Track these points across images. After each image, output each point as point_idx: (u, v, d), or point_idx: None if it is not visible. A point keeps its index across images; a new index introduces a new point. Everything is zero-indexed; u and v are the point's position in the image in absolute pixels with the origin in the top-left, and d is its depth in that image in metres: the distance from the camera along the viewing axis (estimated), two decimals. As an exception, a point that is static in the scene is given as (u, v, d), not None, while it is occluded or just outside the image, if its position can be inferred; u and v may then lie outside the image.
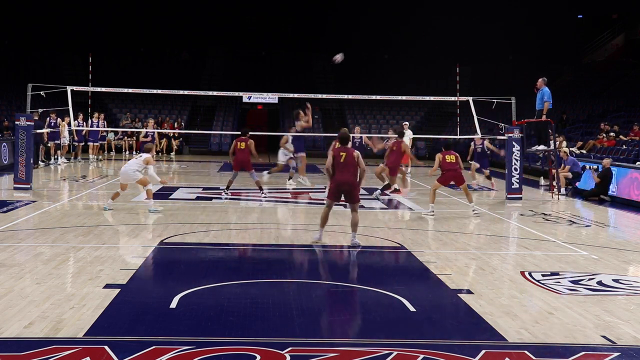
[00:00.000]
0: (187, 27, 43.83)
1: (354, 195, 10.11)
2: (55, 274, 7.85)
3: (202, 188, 17.96)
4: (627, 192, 16.34)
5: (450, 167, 13.53)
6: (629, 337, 6.12)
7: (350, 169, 10.03)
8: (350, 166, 10.01)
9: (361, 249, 10.19)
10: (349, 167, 9.99)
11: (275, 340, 5.72)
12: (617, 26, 39.86)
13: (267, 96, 37.30)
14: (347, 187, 10.05)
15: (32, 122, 16.34)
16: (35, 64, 39.37)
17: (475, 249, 10.21)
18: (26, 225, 11.34)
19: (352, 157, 10.03)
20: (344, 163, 9.98)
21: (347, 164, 9.98)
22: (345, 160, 9.99)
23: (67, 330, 5.88)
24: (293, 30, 45.44)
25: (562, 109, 32.23)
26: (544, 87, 16.53)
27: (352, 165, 10.03)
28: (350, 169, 10.03)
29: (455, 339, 5.99)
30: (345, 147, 10.18)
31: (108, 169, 23.59)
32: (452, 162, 13.54)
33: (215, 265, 8.86)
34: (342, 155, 10.02)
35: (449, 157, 13.59)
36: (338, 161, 10.02)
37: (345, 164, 9.98)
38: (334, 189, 10.13)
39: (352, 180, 10.07)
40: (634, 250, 10.51)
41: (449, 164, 13.54)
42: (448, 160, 13.56)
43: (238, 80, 39.33)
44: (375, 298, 7.48)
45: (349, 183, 10.04)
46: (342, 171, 10.00)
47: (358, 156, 10.10)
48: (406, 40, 41.36)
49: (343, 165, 9.98)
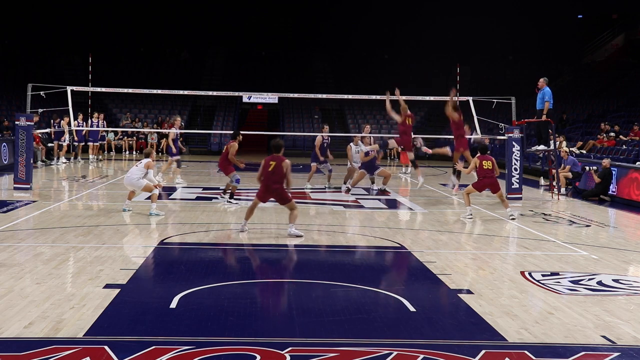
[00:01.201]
0: (187, 27, 43.85)
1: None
2: (55, 274, 7.85)
3: (202, 188, 17.96)
4: (627, 192, 16.33)
5: (487, 174, 13.25)
6: (629, 337, 6.13)
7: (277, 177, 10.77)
8: (277, 175, 10.75)
9: (361, 249, 10.19)
10: (276, 175, 10.74)
11: (275, 340, 5.72)
12: (617, 26, 39.85)
13: (267, 96, 37.29)
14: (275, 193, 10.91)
15: (32, 122, 16.33)
16: (35, 64, 39.38)
17: (475, 249, 10.21)
18: (26, 225, 11.34)
19: (281, 166, 10.73)
20: (271, 172, 10.73)
21: (275, 173, 10.73)
22: (274, 169, 10.73)
23: (67, 330, 5.88)
24: (293, 30, 45.45)
25: (562, 109, 32.22)
26: (546, 87, 16.54)
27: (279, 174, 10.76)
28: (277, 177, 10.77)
29: (455, 339, 5.99)
30: (276, 156, 10.84)
31: (108, 169, 23.59)
32: (488, 168, 13.26)
33: (215, 265, 8.86)
34: (272, 164, 10.73)
35: (485, 163, 13.24)
36: (266, 170, 10.77)
37: (273, 173, 10.73)
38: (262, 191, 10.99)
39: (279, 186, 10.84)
40: (634, 250, 10.51)
41: (486, 170, 13.25)
42: (485, 167, 13.25)
43: (238, 80, 39.35)
44: (375, 298, 7.48)
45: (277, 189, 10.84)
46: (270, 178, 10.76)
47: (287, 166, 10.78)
48: (406, 40, 41.40)
49: (271, 174, 10.73)
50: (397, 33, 42.13)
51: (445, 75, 35.67)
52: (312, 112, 39.30)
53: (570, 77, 40.31)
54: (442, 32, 39.91)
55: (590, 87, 36.54)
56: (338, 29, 43.29)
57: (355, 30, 42.46)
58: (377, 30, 42.25)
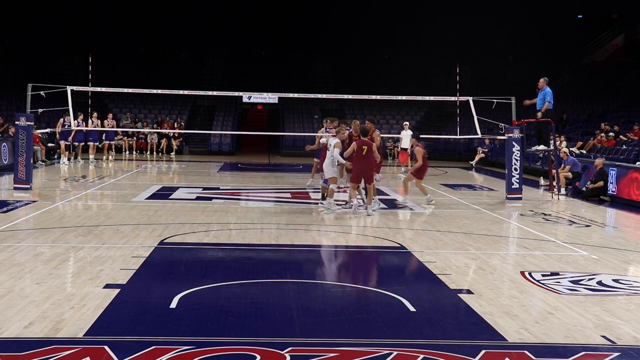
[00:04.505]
0: (187, 27, 43.84)
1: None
2: (55, 274, 7.85)
3: (202, 188, 17.97)
4: (627, 192, 16.33)
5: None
6: (629, 337, 6.13)
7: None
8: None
9: (361, 249, 10.19)
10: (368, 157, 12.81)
11: (275, 340, 5.72)
12: (617, 26, 39.86)
13: (267, 96, 37.29)
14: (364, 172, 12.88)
15: (32, 122, 16.33)
16: (35, 64, 39.37)
17: (475, 249, 10.21)
18: (26, 225, 11.34)
19: (371, 150, 12.76)
20: (365, 155, 12.59)
21: (367, 156, 12.71)
22: (367, 152, 12.67)
23: (67, 330, 5.88)
24: (293, 30, 45.45)
25: (562, 109, 32.24)
26: (546, 87, 16.54)
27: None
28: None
29: (455, 339, 5.99)
30: (366, 140, 12.76)
31: (108, 169, 23.59)
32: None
33: (215, 265, 8.86)
34: (365, 149, 12.52)
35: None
36: (359, 154, 12.57)
37: (365, 156, 12.65)
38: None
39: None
40: (634, 250, 10.51)
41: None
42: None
43: (238, 80, 39.34)
44: (375, 298, 7.48)
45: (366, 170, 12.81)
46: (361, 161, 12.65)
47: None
48: (406, 40, 41.39)
49: (364, 157, 12.61)
50: (397, 33, 42.12)
51: (445, 75, 35.63)
52: (312, 112, 39.31)
53: (570, 77, 40.32)
54: (442, 32, 39.90)
55: (590, 87, 36.55)
56: (338, 29, 43.27)
57: (355, 30, 42.45)
58: (377, 30, 42.25)
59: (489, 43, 41.35)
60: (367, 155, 12.64)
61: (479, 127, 18.73)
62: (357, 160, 12.81)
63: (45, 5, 41.11)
